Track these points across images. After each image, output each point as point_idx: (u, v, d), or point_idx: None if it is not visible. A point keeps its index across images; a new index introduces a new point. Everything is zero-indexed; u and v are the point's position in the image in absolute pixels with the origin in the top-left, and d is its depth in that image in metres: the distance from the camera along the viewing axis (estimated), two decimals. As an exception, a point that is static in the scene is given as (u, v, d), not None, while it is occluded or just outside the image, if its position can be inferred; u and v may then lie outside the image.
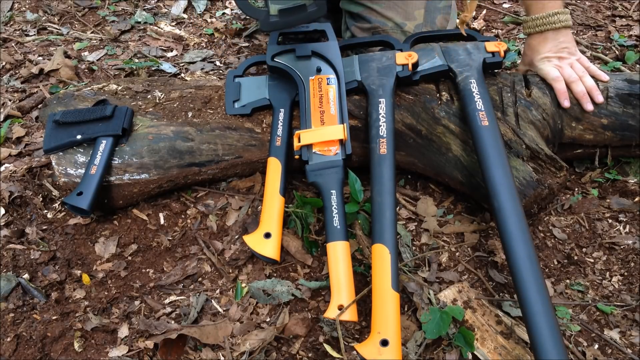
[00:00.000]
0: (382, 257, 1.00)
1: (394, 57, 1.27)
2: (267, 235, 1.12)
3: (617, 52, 1.77)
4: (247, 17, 2.00)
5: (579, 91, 1.24)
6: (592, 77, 1.26)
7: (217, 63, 1.87)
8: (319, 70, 1.28)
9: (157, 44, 1.97)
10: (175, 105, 1.30)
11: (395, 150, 1.18)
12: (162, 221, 1.26)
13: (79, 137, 1.20)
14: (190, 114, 1.28)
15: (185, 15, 2.17)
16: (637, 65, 1.68)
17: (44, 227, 1.25)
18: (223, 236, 1.23)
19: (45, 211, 1.29)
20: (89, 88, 1.34)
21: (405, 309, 1.06)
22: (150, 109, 1.29)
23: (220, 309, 1.09)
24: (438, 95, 1.25)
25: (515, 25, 2.02)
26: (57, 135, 1.21)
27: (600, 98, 1.24)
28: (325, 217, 1.11)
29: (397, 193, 1.27)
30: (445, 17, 1.48)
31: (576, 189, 1.34)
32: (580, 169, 1.38)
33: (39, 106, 1.64)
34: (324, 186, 1.14)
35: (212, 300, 1.10)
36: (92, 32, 2.03)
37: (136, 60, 1.85)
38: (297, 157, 1.19)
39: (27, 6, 2.16)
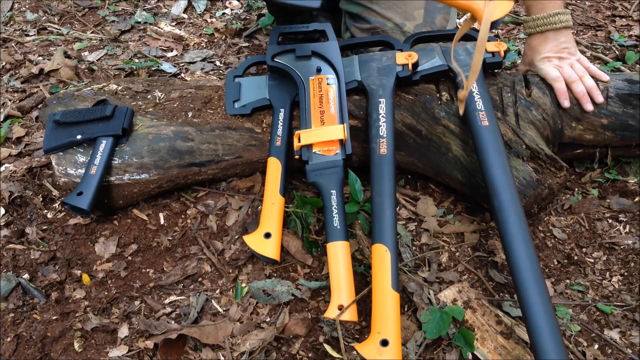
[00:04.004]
0: (382, 257, 1.00)
1: (394, 57, 1.27)
2: (267, 235, 1.12)
3: (617, 52, 1.77)
4: None
5: (579, 91, 1.24)
6: (592, 77, 1.26)
7: (217, 63, 1.87)
8: (319, 70, 1.28)
9: (157, 44, 1.97)
10: (175, 105, 1.30)
11: (395, 150, 1.18)
12: (162, 221, 1.26)
13: (79, 137, 1.20)
14: (190, 114, 1.28)
15: (185, 15, 2.17)
16: (637, 65, 1.67)
17: (44, 227, 1.25)
18: (223, 236, 1.23)
19: (45, 211, 1.29)
20: (89, 88, 1.34)
21: (405, 309, 1.06)
22: (150, 109, 1.29)
23: (220, 309, 1.09)
24: (438, 95, 1.25)
25: (515, 25, 2.02)
26: (57, 135, 1.21)
27: (600, 98, 1.24)
28: (325, 217, 1.11)
29: (397, 193, 1.27)
30: (445, 17, 1.48)
31: (576, 189, 1.34)
32: (580, 169, 1.38)
33: (39, 106, 1.64)
34: (324, 186, 1.14)
35: (212, 300, 1.10)
36: (92, 32, 2.03)
37: (136, 60, 1.85)
38: (297, 157, 1.19)
39: (27, 6, 2.16)
